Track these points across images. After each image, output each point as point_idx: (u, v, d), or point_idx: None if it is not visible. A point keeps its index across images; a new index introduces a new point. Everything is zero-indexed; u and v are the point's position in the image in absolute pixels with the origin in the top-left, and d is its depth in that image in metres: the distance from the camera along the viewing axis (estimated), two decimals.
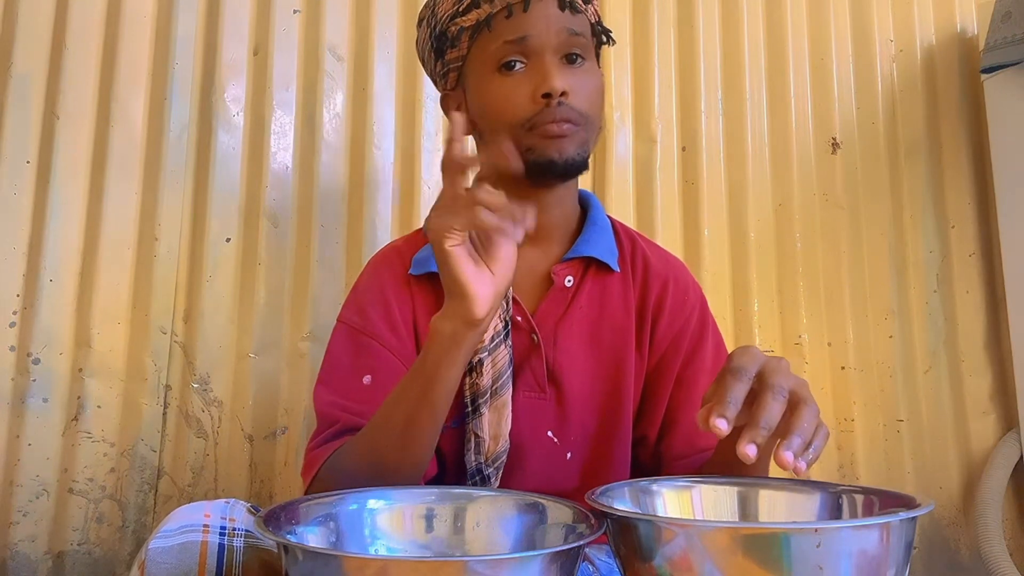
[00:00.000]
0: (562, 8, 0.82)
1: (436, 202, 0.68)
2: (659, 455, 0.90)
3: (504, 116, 0.82)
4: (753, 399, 0.59)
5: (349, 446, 0.78)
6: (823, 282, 1.59)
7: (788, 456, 0.55)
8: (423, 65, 0.94)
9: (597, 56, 0.90)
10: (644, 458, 0.92)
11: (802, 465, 0.56)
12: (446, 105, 0.92)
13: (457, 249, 0.65)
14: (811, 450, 0.57)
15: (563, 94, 0.80)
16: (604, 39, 0.90)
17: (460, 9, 0.83)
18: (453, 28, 0.85)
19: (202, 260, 1.35)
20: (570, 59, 0.83)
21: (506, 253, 0.68)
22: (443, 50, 0.87)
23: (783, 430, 0.57)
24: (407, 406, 0.72)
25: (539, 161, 0.82)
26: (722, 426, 0.56)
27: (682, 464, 0.88)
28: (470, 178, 0.68)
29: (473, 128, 0.89)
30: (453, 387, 0.71)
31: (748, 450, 0.56)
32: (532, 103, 0.80)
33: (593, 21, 0.87)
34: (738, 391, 0.58)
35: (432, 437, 0.74)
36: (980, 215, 1.66)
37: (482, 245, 0.68)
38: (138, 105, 1.36)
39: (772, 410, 0.57)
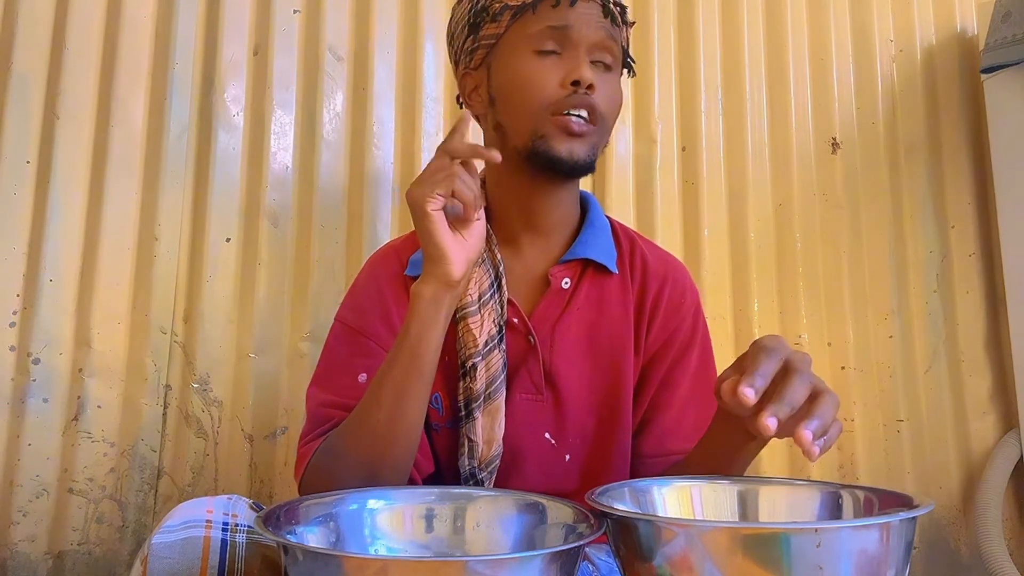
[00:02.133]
0: (605, 15, 0.85)
1: (419, 176, 0.74)
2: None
3: (529, 95, 0.83)
4: (776, 382, 0.60)
5: (340, 429, 0.78)
6: (823, 282, 1.59)
7: (807, 435, 0.56)
8: (450, 43, 0.94)
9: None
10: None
11: (816, 449, 0.56)
12: (464, 85, 0.92)
13: (437, 213, 0.71)
14: (826, 438, 0.57)
15: (590, 86, 0.82)
16: (629, 67, 0.92)
17: None
18: (496, 5, 0.85)
19: (202, 260, 1.35)
20: (600, 65, 0.85)
21: (476, 224, 0.75)
22: (480, 25, 0.87)
23: (804, 413, 0.58)
24: (397, 375, 0.73)
25: (548, 154, 0.82)
26: (749, 395, 0.57)
27: (648, 464, 0.88)
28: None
29: (490, 105, 0.88)
30: (437, 352, 0.74)
31: (769, 422, 0.56)
32: (560, 88, 0.82)
33: (624, 44, 0.89)
34: (768, 367, 0.59)
35: (421, 408, 0.75)
36: (980, 215, 1.66)
37: (455, 218, 0.74)
38: (138, 105, 1.36)
39: (798, 391, 0.58)
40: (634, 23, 0.91)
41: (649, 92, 1.58)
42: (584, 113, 0.82)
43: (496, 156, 0.73)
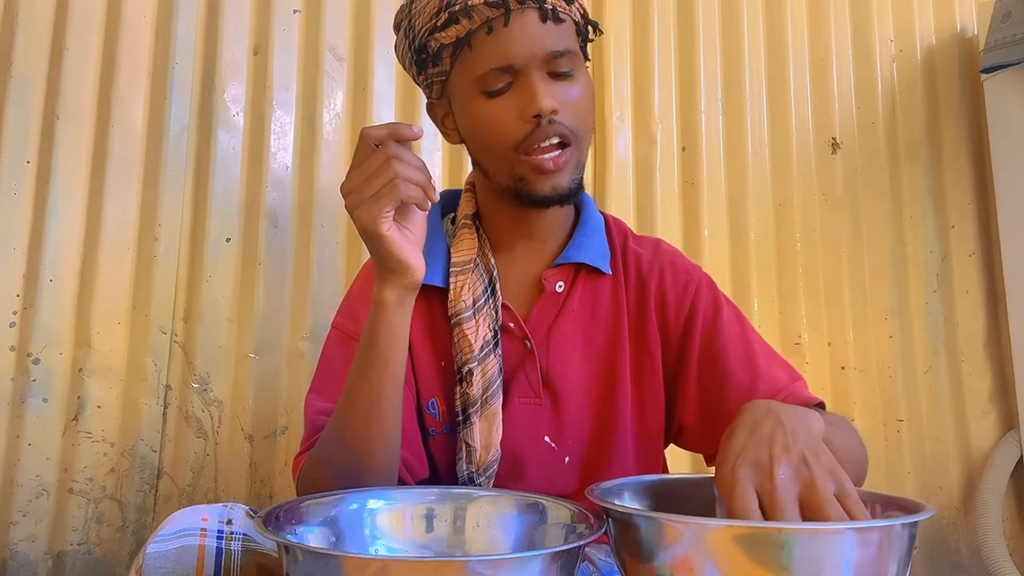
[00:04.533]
0: (544, 20, 0.78)
1: (354, 182, 0.68)
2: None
3: (493, 140, 0.80)
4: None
5: (322, 437, 0.78)
6: (823, 282, 1.59)
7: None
8: (405, 70, 0.91)
9: (585, 52, 0.87)
10: (692, 446, 0.90)
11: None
12: (433, 113, 0.90)
13: (392, 230, 0.69)
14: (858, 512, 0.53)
15: (553, 111, 0.78)
16: (591, 33, 0.87)
17: (438, 24, 0.80)
18: (433, 43, 0.81)
19: (202, 260, 1.35)
20: (557, 75, 0.80)
21: (418, 213, 0.73)
22: (425, 62, 0.84)
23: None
24: (370, 384, 0.73)
25: (531, 195, 0.81)
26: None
27: None
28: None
29: (463, 141, 0.88)
30: (405, 353, 0.74)
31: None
32: (522, 123, 0.78)
33: (577, 19, 0.84)
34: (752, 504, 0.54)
35: (397, 411, 0.75)
36: (980, 215, 1.66)
37: (398, 212, 0.71)
38: (138, 105, 1.36)
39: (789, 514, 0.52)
40: None
41: (649, 92, 1.58)
42: (555, 140, 0.79)
43: (417, 132, 0.69)
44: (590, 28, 0.86)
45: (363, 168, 0.68)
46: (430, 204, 0.71)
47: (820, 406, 0.84)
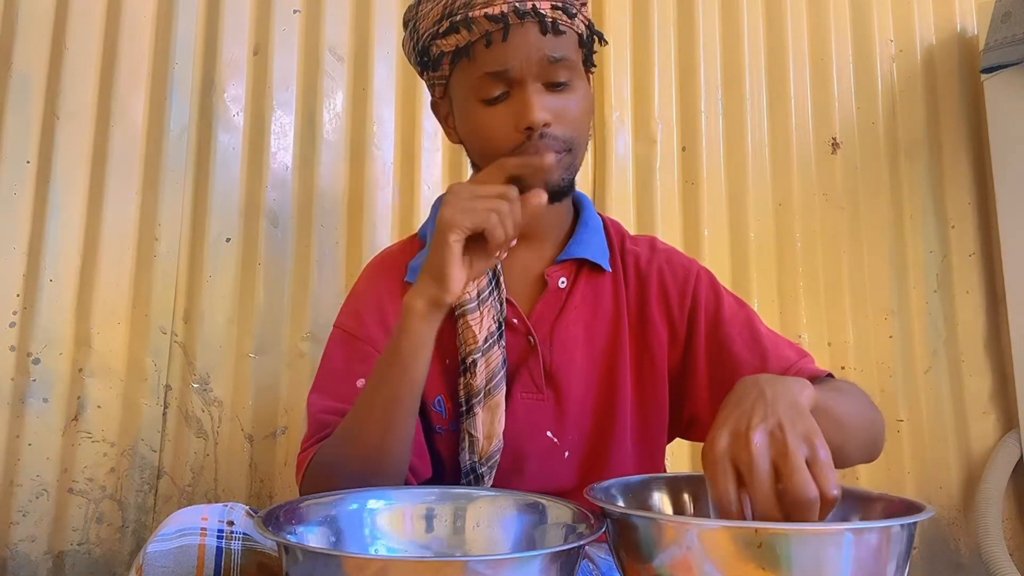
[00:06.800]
0: (544, 32, 0.79)
1: (462, 191, 0.73)
2: None
3: (488, 147, 0.81)
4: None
5: (333, 438, 0.78)
6: (823, 282, 1.59)
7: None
8: (412, 66, 0.93)
9: (589, 62, 0.88)
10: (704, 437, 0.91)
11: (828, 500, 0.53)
12: (437, 111, 0.92)
13: (458, 244, 0.70)
14: (831, 490, 0.53)
15: (546, 124, 0.79)
16: (596, 44, 0.88)
17: (440, 31, 0.82)
18: (434, 49, 0.84)
19: (202, 260, 1.35)
20: (553, 85, 0.81)
21: (490, 261, 0.75)
22: (427, 65, 0.87)
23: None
24: (390, 386, 0.73)
25: (525, 191, 0.82)
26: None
27: None
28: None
29: (460, 142, 0.90)
30: (428, 363, 0.74)
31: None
32: (515, 133, 0.80)
33: (581, 31, 0.84)
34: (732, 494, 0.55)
35: (413, 416, 0.75)
36: (980, 215, 1.66)
37: (479, 246, 0.72)
38: (138, 105, 1.36)
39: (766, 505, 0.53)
40: (584, 3, 0.86)
41: (649, 92, 1.58)
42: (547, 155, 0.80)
43: (541, 199, 0.73)
44: (595, 39, 0.87)
45: (483, 188, 0.73)
46: (499, 256, 0.75)
47: (829, 377, 0.86)
